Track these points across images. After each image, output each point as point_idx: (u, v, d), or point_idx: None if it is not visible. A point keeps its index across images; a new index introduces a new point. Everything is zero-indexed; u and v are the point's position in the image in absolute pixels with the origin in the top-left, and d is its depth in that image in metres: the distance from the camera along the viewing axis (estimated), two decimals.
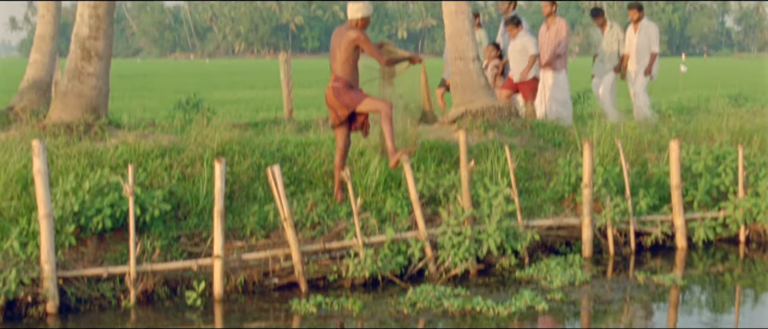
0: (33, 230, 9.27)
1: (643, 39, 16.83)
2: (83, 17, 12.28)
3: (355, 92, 10.61)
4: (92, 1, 12.25)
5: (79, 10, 12.36)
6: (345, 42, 10.57)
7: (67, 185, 9.64)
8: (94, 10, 12.23)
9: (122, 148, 11.02)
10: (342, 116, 10.69)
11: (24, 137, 11.30)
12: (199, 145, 11.34)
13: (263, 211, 10.37)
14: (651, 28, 16.94)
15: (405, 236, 10.21)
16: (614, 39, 17.23)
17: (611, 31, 17.33)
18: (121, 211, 9.57)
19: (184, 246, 9.93)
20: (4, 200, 9.73)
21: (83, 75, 12.21)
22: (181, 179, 10.77)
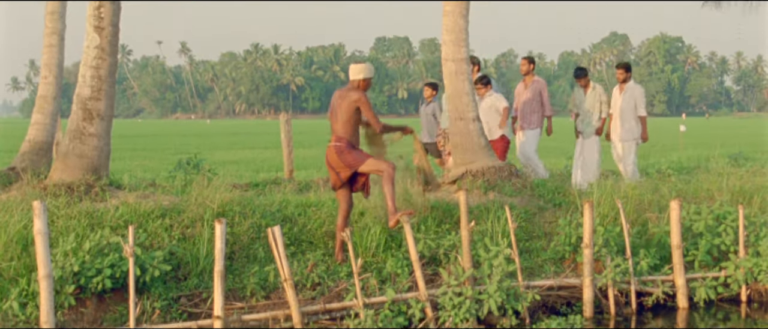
0: (33, 290, 9.26)
1: (628, 101, 16.70)
2: (85, 78, 12.36)
3: (357, 152, 10.64)
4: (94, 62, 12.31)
5: (81, 71, 12.45)
6: (347, 103, 10.63)
7: (68, 245, 9.65)
8: (96, 71, 12.32)
9: (123, 208, 11.03)
10: (344, 177, 10.71)
11: (25, 198, 11.31)
12: (199, 205, 11.36)
13: (263, 272, 10.35)
14: (637, 91, 16.79)
15: (405, 296, 10.17)
16: (596, 100, 17.05)
17: (594, 92, 17.15)
18: (122, 271, 9.55)
19: (184, 307, 9.89)
20: (4, 261, 9.71)
21: (85, 135, 12.26)
22: (181, 239, 10.77)
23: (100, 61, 12.32)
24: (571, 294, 11.30)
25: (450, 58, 14.16)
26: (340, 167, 10.65)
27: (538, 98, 16.79)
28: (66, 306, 9.34)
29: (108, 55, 12.32)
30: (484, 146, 14.10)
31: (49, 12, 16.79)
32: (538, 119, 16.75)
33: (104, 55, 12.31)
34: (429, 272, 10.86)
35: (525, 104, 16.70)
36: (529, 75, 16.89)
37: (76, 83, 12.72)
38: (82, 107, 12.34)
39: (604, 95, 17.10)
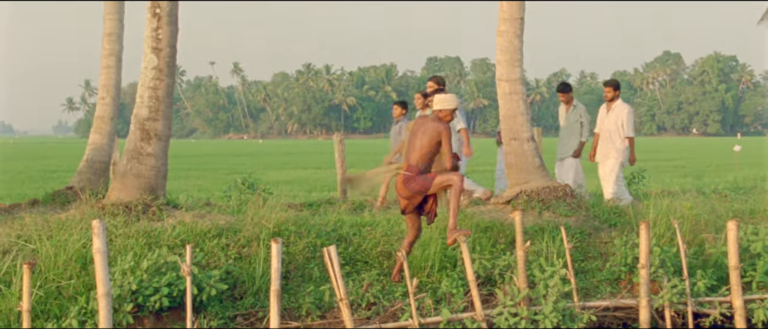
0: (91, 308, 9.35)
1: (614, 120, 16.12)
2: (143, 99, 12.50)
3: (423, 178, 10.55)
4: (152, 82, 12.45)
5: (139, 92, 12.60)
6: (432, 133, 10.52)
7: (126, 264, 9.75)
8: (153, 91, 12.46)
9: (180, 228, 11.13)
10: (415, 202, 10.69)
11: (84, 217, 11.44)
12: (255, 225, 11.43)
13: (319, 291, 10.38)
14: (624, 111, 16.14)
15: (461, 316, 10.16)
16: (576, 120, 16.65)
17: (575, 111, 16.76)
18: (179, 290, 9.63)
19: (240, 326, 9.95)
20: (64, 279, 9.83)
21: (142, 155, 12.40)
22: (237, 258, 10.83)
23: (158, 82, 12.46)
24: (627, 315, 11.23)
25: (504, 79, 14.16)
26: (407, 195, 10.62)
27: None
28: (124, 324, 9.43)
29: (165, 76, 12.46)
30: (538, 166, 14.06)
31: (106, 34, 17.02)
32: None
33: (162, 76, 12.45)
34: (484, 292, 10.84)
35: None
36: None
37: (132, 104, 12.85)
38: (140, 128, 12.48)
39: (585, 115, 16.68)
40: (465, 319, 10.11)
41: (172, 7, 12.55)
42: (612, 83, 16.41)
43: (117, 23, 17.09)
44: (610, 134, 16.13)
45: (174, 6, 12.59)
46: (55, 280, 9.78)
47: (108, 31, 17.00)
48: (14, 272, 9.84)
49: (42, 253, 10.18)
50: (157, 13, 12.40)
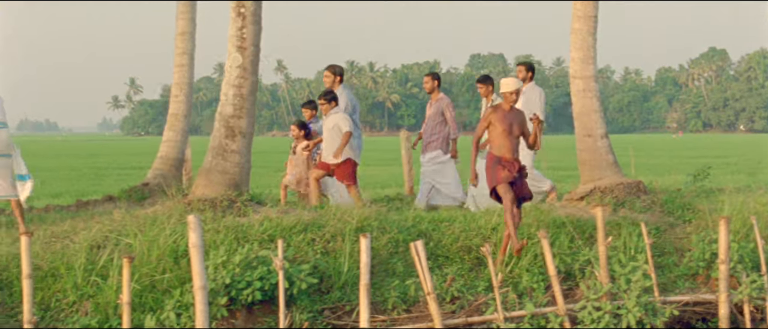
0: (186, 301, 9.57)
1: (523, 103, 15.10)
2: (228, 97, 12.73)
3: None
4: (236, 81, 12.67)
5: (223, 89, 12.83)
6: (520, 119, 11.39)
7: (218, 258, 9.98)
8: (238, 90, 12.69)
9: (267, 223, 11.33)
10: None
11: (171, 212, 11.67)
12: (338, 220, 11.62)
13: (404, 285, 10.55)
14: (534, 92, 15.43)
15: (544, 310, 10.29)
16: None
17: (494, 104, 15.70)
18: (270, 284, 9.82)
19: (328, 319, 10.14)
20: (157, 273, 10.06)
21: (227, 152, 12.63)
22: (323, 253, 11.02)
23: (242, 80, 12.69)
24: (706, 310, 11.31)
25: (578, 76, 14.27)
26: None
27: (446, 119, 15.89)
28: (219, 316, 9.65)
29: (250, 74, 12.70)
30: (612, 163, 14.16)
31: (179, 33, 17.32)
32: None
33: (246, 75, 12.68)
34: (564, 287, 10.95)
35: (430, 125, 16.01)
36: (434, 92, 16.13)
37: (219, 102, 13.04)
38: (225, 125, 12.71)
39: None
40: (549, 314, 10.25)
41: (256, 7, 12.78)
42: (524, 64, 15.95)
43: (189, 22, 17.40)
44: None
45: (258, 6, 12.82)
46: (150, 274, 10.01)
47: (181, 31, 17.30)
48: (110, 266, 10.09)
49: (135, 248, 10.41)
50: (242, 12, 12.63)
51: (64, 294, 9.91)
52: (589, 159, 14.19)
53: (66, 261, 10.17)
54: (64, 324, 9.49)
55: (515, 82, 11.35)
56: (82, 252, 10.30)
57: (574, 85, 14.36)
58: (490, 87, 15.82)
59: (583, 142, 14.27)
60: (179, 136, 16.89)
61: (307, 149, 15.60)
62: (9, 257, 10.34)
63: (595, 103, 14.19)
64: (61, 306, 9.79)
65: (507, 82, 11.34)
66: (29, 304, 8.78)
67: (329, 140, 14.92)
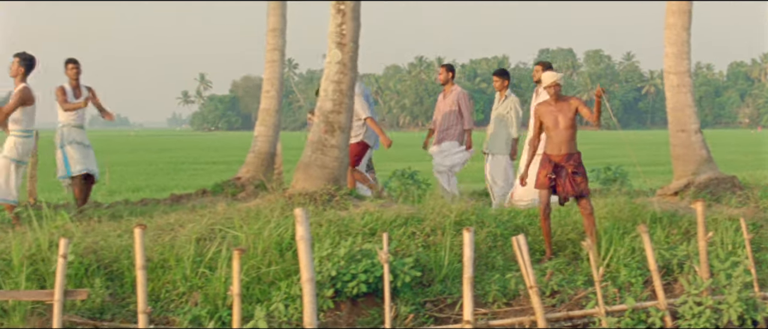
0: (293, 293, 9.75)
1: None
2: (327, 92, 12.91)
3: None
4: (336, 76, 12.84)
5: (323, 85, 13.01)
6: (568, 107, 11.31)
7: (323, 251, 10.14)
8: (337, 85, 12.86)
9: (367, 217, 11.48)
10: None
11: (272, 206, 11.86)
12: (437, 214, 11.74)
13: (504, 279, 10.64)
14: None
15: (645, 305, 10.31)
16: (507, 110, 15.97)
17: (506, 102, 16.05)
18: (374, 277, 9.96)
19: (430, 312, 10.25)
20: (263, 265, 10.25)
21: (326, 147, 12.81)
22: (423, 246, 11.15)
23: (342, 76, 12.85)
24: None
25: (672, 71, 14.27)
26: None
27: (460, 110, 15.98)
28: (324, 308, 9.83)
29: (349, 70, 12.86)
30: (706, 158, 14.14)
31: (270, 29, 17.56)
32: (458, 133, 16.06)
33: (345, 70, 12.84)
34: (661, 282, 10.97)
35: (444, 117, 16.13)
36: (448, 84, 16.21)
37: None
38: (324, 120, 12.89)
39: (519, 108, 16.02)
40: (650, 308, 10.26)
41: (356, 4, 12.94)
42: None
43: (280, 19, 17.64)
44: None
45: (357, 3, 12.98)
46: (256, 266, 10.20)
47: (272, 27, 17.53)
48: (217, 258, 10.30)
49: (242, 240, 10.61)
50: (342, 9, 12.80)
51: (173, 285, 10.14)
52: (683, 154, 14.18)
53: (175, 252, 10.40)
54: (175, 315, 9.71)
55: (554, 74, 11.46)
56: (190, 244, 10.52)
57: (668, 80, 14.36)
58: (505, 81, 16.01)
59: (676, 137, 14.26)
60: (271, 131, 17.12)
61: None
62: (118, 249, 10.59)
63: (689, 98, 14.19)
64: (171, 297, 10.02)
65: (546, 75, 11.54)
66: (143, 294, 9.02)
67: None
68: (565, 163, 11.36)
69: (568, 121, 11.38)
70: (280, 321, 9.53)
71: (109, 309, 9.82)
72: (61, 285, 8.98)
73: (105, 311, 9.77)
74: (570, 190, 11.40)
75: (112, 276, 10.32)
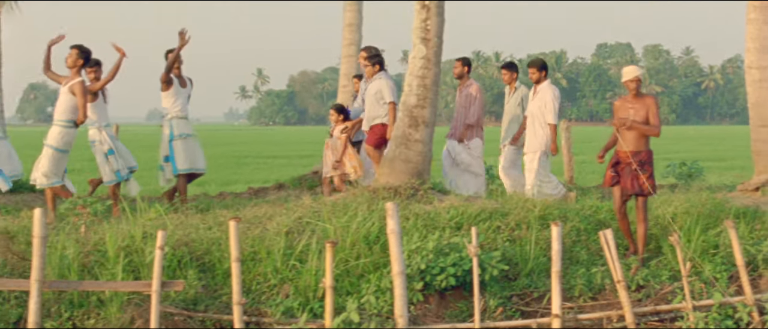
0: (383, 286, 9.86)
1: (537, 105, 15.06)
2: (411, 87, 13.01)
3: None
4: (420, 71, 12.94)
5: (407, 80, 13.12)
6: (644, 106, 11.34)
7: (412, 244, 10.24)
8: (421, 80, 12.96)
9: (453, 211, 11.56)
10: None
11: (357, 200, 11.97)
12: (521, 208, 11.80)
13: (590, 273, 10.68)
14: (548, 94, 15.01)
15: (732, 300, 10.30)
16: (517, 103, 15.88)
17: (516, 94, 15.98)
18: (463, 270, 10.05)
19: (516, 306, 10.33)
20: (352, 258, 10.37)
21: (410, 142, 12.91)
22: (508, 240, 11.22)
23: (426, 71, 12.95)
24: None
25: (754, 66, 14.21)
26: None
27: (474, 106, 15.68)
28: (414, 301, 9.94)
29: (433, 65, 12.95)
30: None
31: (347, 24, 17.74)
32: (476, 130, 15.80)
33: (430, 66, 12.94)
34: None
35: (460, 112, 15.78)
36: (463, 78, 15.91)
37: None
38: (408, 115, 12.99)
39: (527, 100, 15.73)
40: (737, 303, 10.25)
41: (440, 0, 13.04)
42: (536, 63, 15.40)
43: (356, 14, 17.81)
44: (533, 120, 15.09)
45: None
46: (345, 259, 10.32)
47: (348, 22, 17.71)
48: (307, 251, 10.44)
49: (330, 233, 10.74)
50: (427, 5, 12.88)
51: (264, 277, 10.28)
52: (765, 149, 14.12)
53: (266, 245, 10.55)
54: (266, 306, 9.86)
55: (634, 69, 11.45)
56: (280, 236, 10.66)
57: (750, 75, 14.31)
58: (514, 74, 16.07)
59: (758, 132, 14.21)
60: None
61: (345, 132, 15.58)
62: (209, 241, 10.76)
63: None
64: (262, 289, 10.16)
65: (626, 70, 11.52)
66: (238, 286, 9.20)
67: (370, 106, 14.97)
68: (631, 160, 11.35)
69: (641, 119, 11.35)
70: (371, 313, 9.64)
71: (202, 300, 9.99)
72: (159, 276, 9.16)
73: (198, 302, 9.94)
74: (630, 188, 11.37)
75: (203, 268, 10.49)
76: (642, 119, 11.30)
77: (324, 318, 9.40)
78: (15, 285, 9.36)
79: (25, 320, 9.51)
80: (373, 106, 14.84)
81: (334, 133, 15.60)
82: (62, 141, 13.52)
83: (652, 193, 11.43)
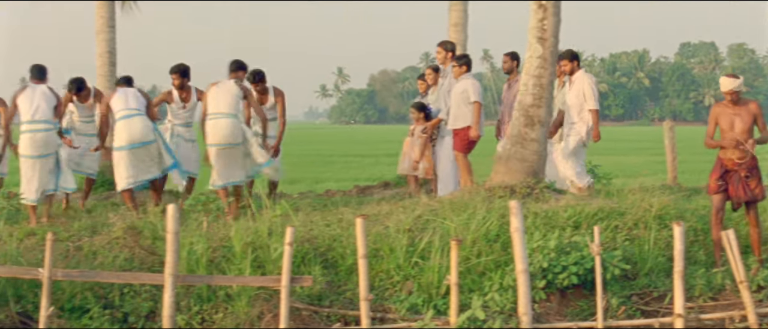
0: (506, 283, 9.96)
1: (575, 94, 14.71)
2: (527, 87, 13.12)
3: None
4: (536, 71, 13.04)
5: (523, 80, 13.23)
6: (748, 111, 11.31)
7: (533, 243, 10.33)
8: (538, 80, 13.05)
9: (570, 210, 11.62)
10: None
11: (473, 199, 12.09)
12: (637, 208, 11.81)
13: (709, 273, 10.67)
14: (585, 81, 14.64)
15: None
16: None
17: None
18: (584, 269, 10.11)
19: (635, 305, 10.35)
20: (472, 256, 10.49)
21: (526, 141, 13.02)
22: (626, 240, 11.24)
23: (542, 70, 13.04)
24: None
25: None
26: None
27: None
28: (536, 299, 10.02)
29: (549, 65, 13.04)
30: None
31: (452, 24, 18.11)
32: None
33: (546, 65, 13.03)
34: None
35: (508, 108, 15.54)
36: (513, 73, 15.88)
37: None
38: (524, 114, 13.10)
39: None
40: None
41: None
42: (566, 55, 14.88)
43: (462, 14, 17.98)
44: (570, 110, 14.75)
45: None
46: (466, 257, 10.44)
47: (453, 22, 17.93)
48: (428, 248, 10.58)
49: (450, 231, 10.87)
50: (544, 5, 12.97)
51: (387, 273, 10.45)
52: None
53: (389, 243, 10.71)
54: (390, 302, 10.02)
55: (732, 81, 11.28)
56: (402, 234, 10.82)
57: None
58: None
59: None
60: None
61: (425, 132, 15.70)
62: (330, 238, 10.97)
63: None
64: (385, 286, 10.34)
65: (723, 81, 11.40)
66: (365, 282, 9.37)
67: (456, 106, 15.10)
68: (737, 167, 11.30)
69: (745, 125, 11.27)
70: (494, 310, 9.74)
71: (326, 295, 10.19)
72: (288, 272, 9.37)
73: (322, 297, 10.14)
74: (743, 195, 11.32)
75: (326, 264, 10.68)
76: (747, 126, 11.25)
77: (448, 314, 9.54)
78: (149, 278, 9.64)
79: (156, 313, 9.81)
80: (459, 105, 15.07)
81: (415, 132, 15.77)
82: None
83: (764, 198, 11.41)
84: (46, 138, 13.47)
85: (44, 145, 13.47)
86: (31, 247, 11.16)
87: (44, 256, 9.44)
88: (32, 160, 13.50)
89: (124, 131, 13.50)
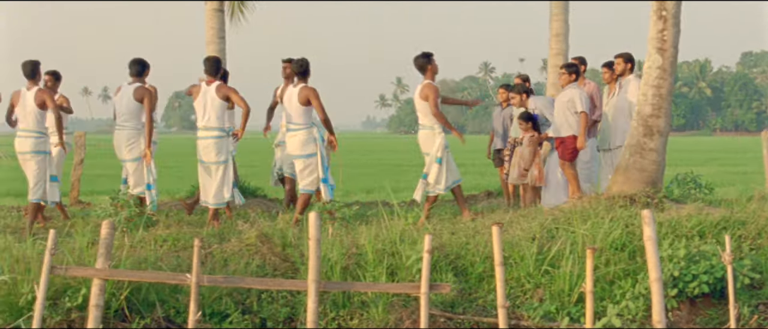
0: (638, 292, 10.07)
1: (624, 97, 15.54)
2: (646, 96, 13.23)
3: None
4: (656, 81, 13.14)
5: (642, 90, 13.33)
6: None
7: (663, 252, 10.42)
8: (657, 90, 13.16)
9: (694, 219, 11.69)
10: None
11: (594, 208, 12.20)
12: (758, 217, 11.87)
13: None
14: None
15: None
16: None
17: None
18: (714, 278, 10.19)
19: (763, 314, 10.40)
20: (601, 265, 10.62)
21: (645, 151, 13.13)
22: (752, 249, 11.31)
23: (662, 81, 13.14)
24: None
25: None
26: None
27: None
28: (668, 307, 10.12)
29: (668, 75, 13.13)
30: None
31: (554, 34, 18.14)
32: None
33: (665, 76, 13.12)
34: None
35: None
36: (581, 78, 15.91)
37: (637, 101, 13.47)
38: (643, 124, 13.20)
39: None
40: None
41: (677, 9, 13.19)
42: (623, 56, 15.62)
43: (563, 24, 18.06)
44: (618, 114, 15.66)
45: (678, 7, 13.20)
46: (596, 265, 10.53)
47: (555, 32, 18.00)
48: (557, 256, 10.73)
49: (578, 240, 11.00)
50: (663, 15, 13.08)
51: (517, 281, 10.61)
52: None
53: (519, 251, 10.87)
54: (522, 310, 10.17)
55: None
56: (530, 242, 10.98)
57: None
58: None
59: None
60: None
61: (533, 140, 15.77)
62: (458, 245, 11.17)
63: None
64: (516, 293, 10.49)
65: None
66: (502, 289, 9.49)
67: (561, 114, 15.14)
68: None
69: None
70: (627, 317, 9.87)
71: (459, 303, 10.37)
72: (427, 279, 9.53)
73: (455, 305, 10.32)
74: None
75: (456, 271, 10.86)
76: None
77: (581, 322, 9.69)
78: (291, 285, 9.85)
79: (294, 319, 10.04)
80: (564, 114, 15.10)
81: (524, 141, 15.79)
82: None
83: None
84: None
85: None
86: (163, 254, 11.47)
87: (188, 262, 9.72)
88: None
89: None
